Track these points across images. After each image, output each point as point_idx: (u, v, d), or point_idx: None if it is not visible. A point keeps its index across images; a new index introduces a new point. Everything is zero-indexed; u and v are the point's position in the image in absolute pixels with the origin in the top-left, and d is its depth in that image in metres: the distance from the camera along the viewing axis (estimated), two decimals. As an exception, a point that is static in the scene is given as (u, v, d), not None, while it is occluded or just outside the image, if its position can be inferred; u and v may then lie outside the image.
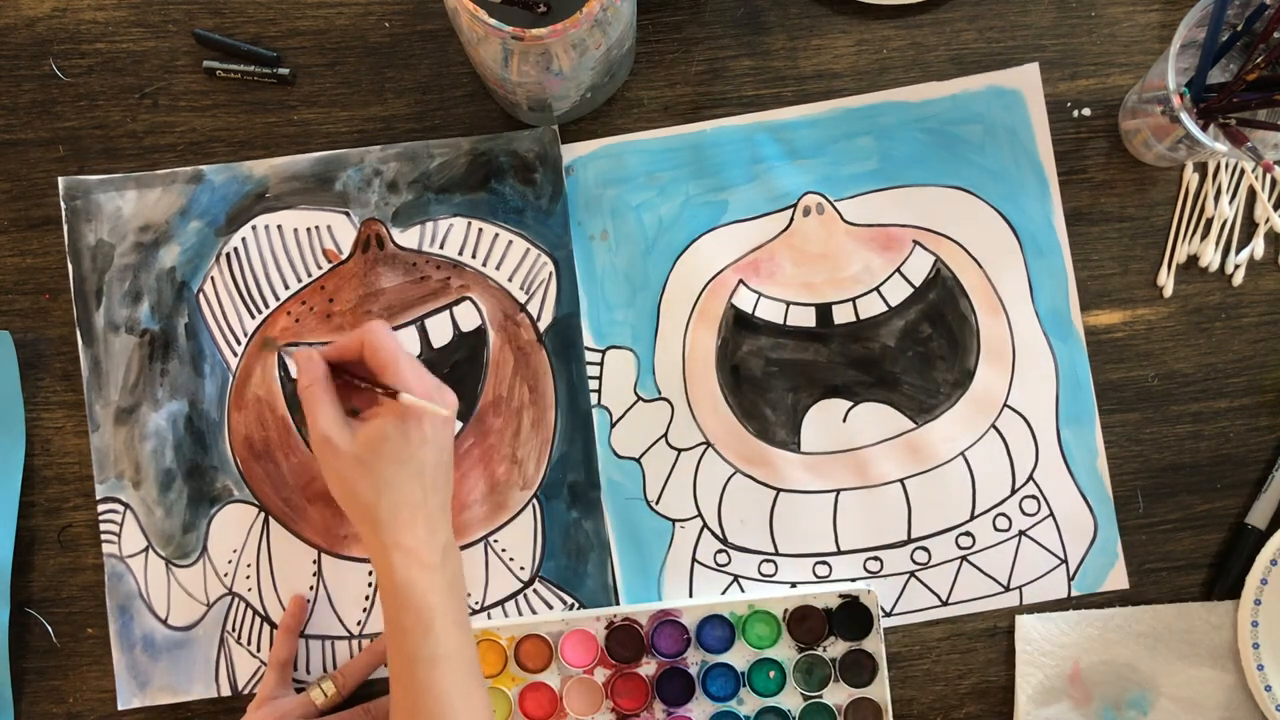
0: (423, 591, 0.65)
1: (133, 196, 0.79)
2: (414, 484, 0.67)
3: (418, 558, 0.66)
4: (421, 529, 0.67)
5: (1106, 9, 0.81)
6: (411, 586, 0.65)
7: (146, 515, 0.79)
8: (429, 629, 0.65)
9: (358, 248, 0.80)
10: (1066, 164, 0.81)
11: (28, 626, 0.79)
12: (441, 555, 0.67)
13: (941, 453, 0.80)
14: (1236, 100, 0.72)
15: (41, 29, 0.80)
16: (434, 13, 0.80)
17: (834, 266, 0.80)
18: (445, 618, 0.66)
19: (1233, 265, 0.80)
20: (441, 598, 0.66)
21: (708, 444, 0.80)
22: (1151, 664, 0.79)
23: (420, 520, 0.67)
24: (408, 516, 0.66)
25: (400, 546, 0.66)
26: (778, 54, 0.81)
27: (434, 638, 0.65)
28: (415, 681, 0.65)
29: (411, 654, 0.65)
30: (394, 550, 0.66)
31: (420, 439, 0.67)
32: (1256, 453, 0.80)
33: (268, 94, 0.80)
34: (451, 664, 0.65)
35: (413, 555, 0.66)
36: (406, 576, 0.66)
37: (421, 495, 0.67)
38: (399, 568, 0.66)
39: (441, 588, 0.66)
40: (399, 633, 0.66)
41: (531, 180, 0.80)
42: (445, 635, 0.65)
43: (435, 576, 0.66)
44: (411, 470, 0.67)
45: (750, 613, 0.78)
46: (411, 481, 0.67)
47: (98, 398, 0.79)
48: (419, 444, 0.67)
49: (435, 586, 0.66)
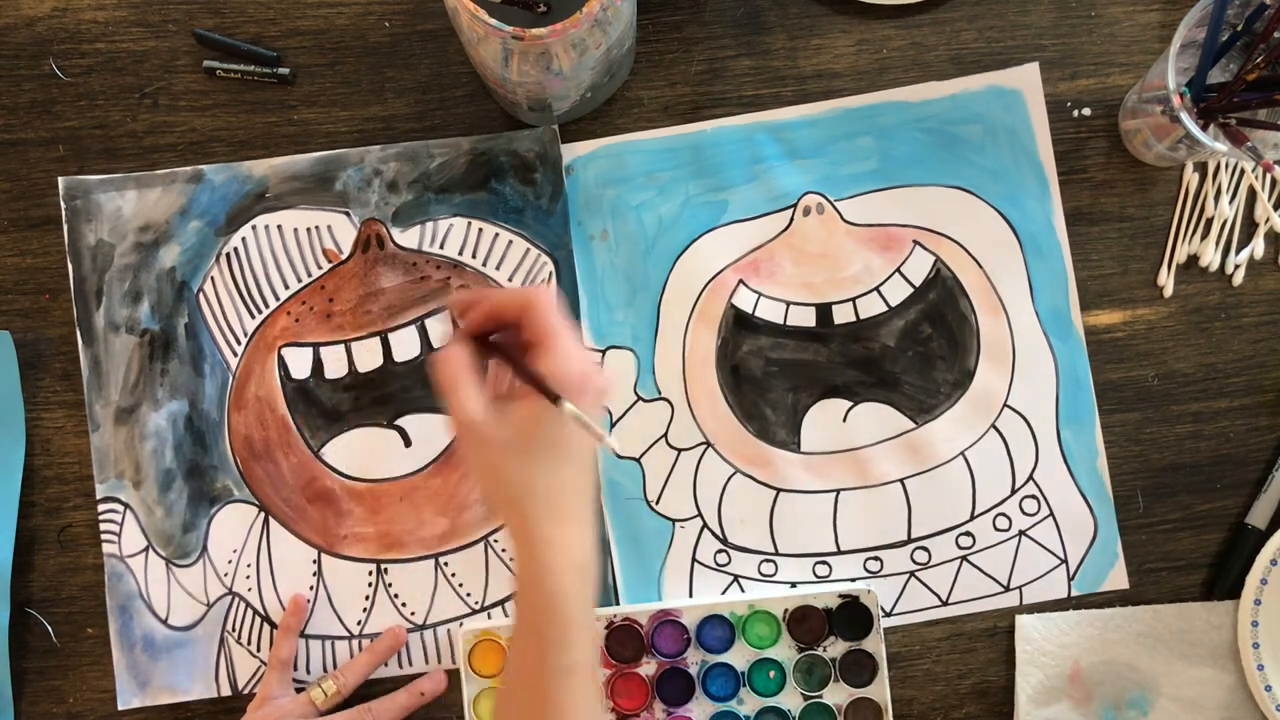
0: (572, 596, 0.59)
1: (133, 196, 0.79)
2: (572, 472, 0.60)
3: (570, 556, 0.59)
4: (580, 527, 0.60)
5: (1106, 9, 0.81)
6: (558, 588, 0.59)
7: (146, 515, 0.79)
8: (573, 638, 0.59)
9: (358, 248, 0.80)
10: (1066, 164, 0.81)
11: (28, 626, 0.79)
12: (593, 556, 0.60)
13: (941, 453, 0.80)
14: (1236, 100, 0.72)
15: (41, 29, 0.80)
16: (434, 13, 0.80)
17: (834, 266, 0.80)
18: (584, 628, 0.60)
19: (1233, 265, 0.80)
20: (586, 604, 0.60)
21: (708, 444, 0.80)
22: (1151, 664, 0.79)
23: (576, 513, 0.60)
24: (564, 509, 0.60)
25: (554, 543, 0.59)
26: (778, 54, 0.81)
27: (571, 646, 0.59)
28: (541, 690, 0.59)
29: (545, 661, 0.59)
30: (539, 543, 0.59)
31: None
32: (1256, 453, 0.80)
33: (268, 94, 0.80)
34: (581, 676, 0.60)
35: (566, 553, 0.59)
36: (556, 576, 0.59)
37: (583, 488, 0.60)
38: (549, 566, 0.59)
39: (589, 592, 0.60)
40: (534, 634, 0.60)
41: (532, 180, 0.80)
42: (581, 644, 0.60)
43: (586, 580, 0.60)
44: (568, 457, 0.59)
45: (750, 613, 0.78)
46: (569, 469, 0.60)
47: (98, 397, 0.79)
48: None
49: (584, 590, 0.60)
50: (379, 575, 0.79)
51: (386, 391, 0.79)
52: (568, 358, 0.58)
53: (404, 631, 0.79)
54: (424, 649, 0.79)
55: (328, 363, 0.79)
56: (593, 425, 0.57)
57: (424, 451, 0.79)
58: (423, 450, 0.79)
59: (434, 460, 0.79)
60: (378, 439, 0.79)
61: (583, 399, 0.58)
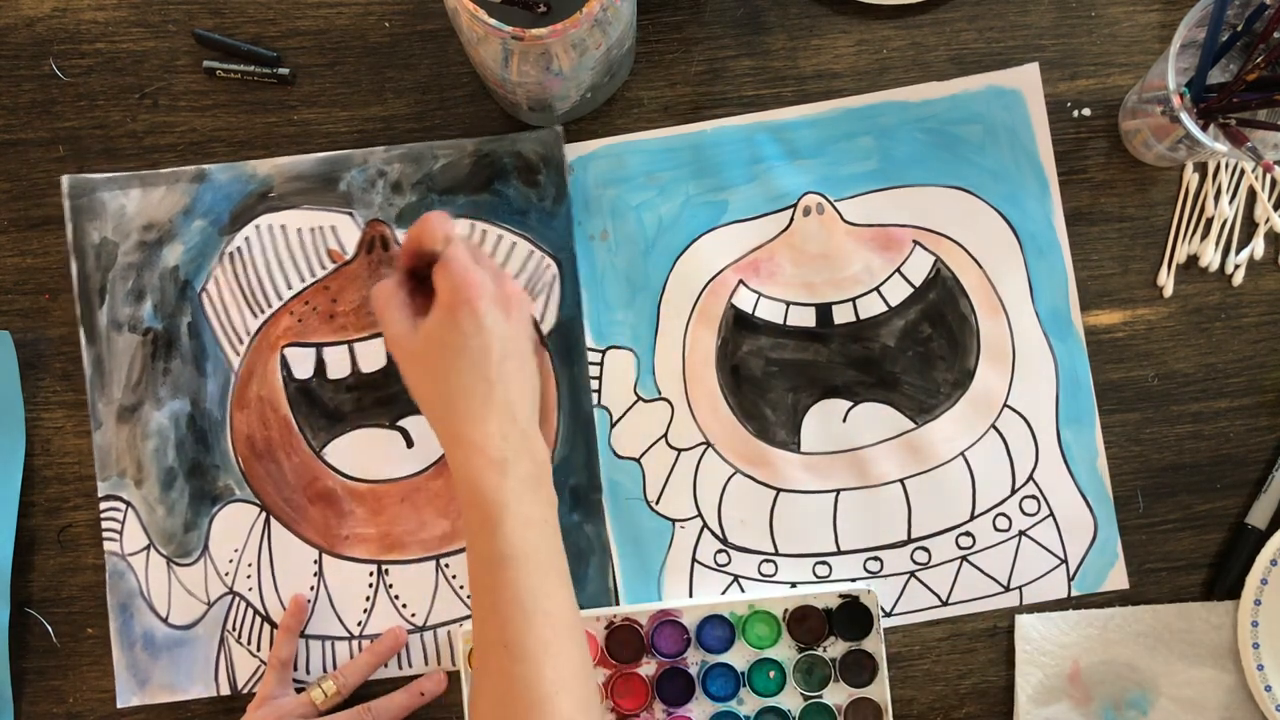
0: (489, 488, 0.62)
1: (136, 195, 0.79)
2: (474, 375, 0.63)
3: (483, 452, 0.62)
4: (490, 422, 0.63)
5: (1106, 9, 0.81)
6: (476, 483, 0.62)
7: (148, 513, 0.79)
8: (497, 526, 0.61)
9: (362, 249, 0.80)
10: (1066, 164, 0.81)
11: (28, 626, 0.79)
12: (512, 451, 0.63)
13: (941, 453, 0.80)
14: (1236, 100, 0.72)
15: (41, 29, 0.80)
16: (434, 13, 0.80)
17: (834, 266, 0.80)
18: (515, 516, 0.62)
19: (1233, 265, 0.80)
20: (511, 495, 0.62)
21: (708, 444, 0.80)
22: (1151, 664, 0.79)
23: (489, 413, 0.63)
24: (473, 409, 0.63)
25: (462, 441, 0.63)
26: (778, 54, 0.81)
27: (502, 536, 0.61)
28: (484, 581, 0.62)
29: (479, 552, 0.62)
30: (456, 445, 0.63)
31: (474, 327, 0.63)
32: (1256, 453, 0.80)
33: (268, 94, 0.80)
34: (521, 564, 0.61)
35: (476, 450, 0.62)
36: (471, 474, 0.62)
37: (485, 387, 0.63)
38: (462, 463, 0.63)
39: (511, 485, 0.62)
40: (468, 531, 0.63)
41: (535, 182, 0.80)
42: (514, 534, 0.61)
43: (503, 473, 0.62)
44: (469, 360, 0.63)
45: (750, 613, 0.78)
46: (471, 372, 0.63)
47: (100, 396, 0.79)
48: (472, 332, 0.63)
49: (504, 484, 0.62)
50: (380, 576, 0.79)
51: (389, 392, 0.79)
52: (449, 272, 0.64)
53: (404, 632, 0.79)
54: (424, 650, 0.79)
55: (330, 363, 0.79)
56: (455, 261, 0.63)
57: (426, 453, 0.79)
58: (424, 452, 0.79)
59: (436, 462, 0.79)
60: (380, 440, 0.79)
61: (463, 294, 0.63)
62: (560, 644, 0.62)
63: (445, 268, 0.64)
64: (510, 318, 0.65)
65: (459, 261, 0.64)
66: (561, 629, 0.62)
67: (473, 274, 0.64)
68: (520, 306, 0.66)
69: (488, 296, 0.64)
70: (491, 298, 0.64)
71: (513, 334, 0.65)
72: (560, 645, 0.62)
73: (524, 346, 0.66)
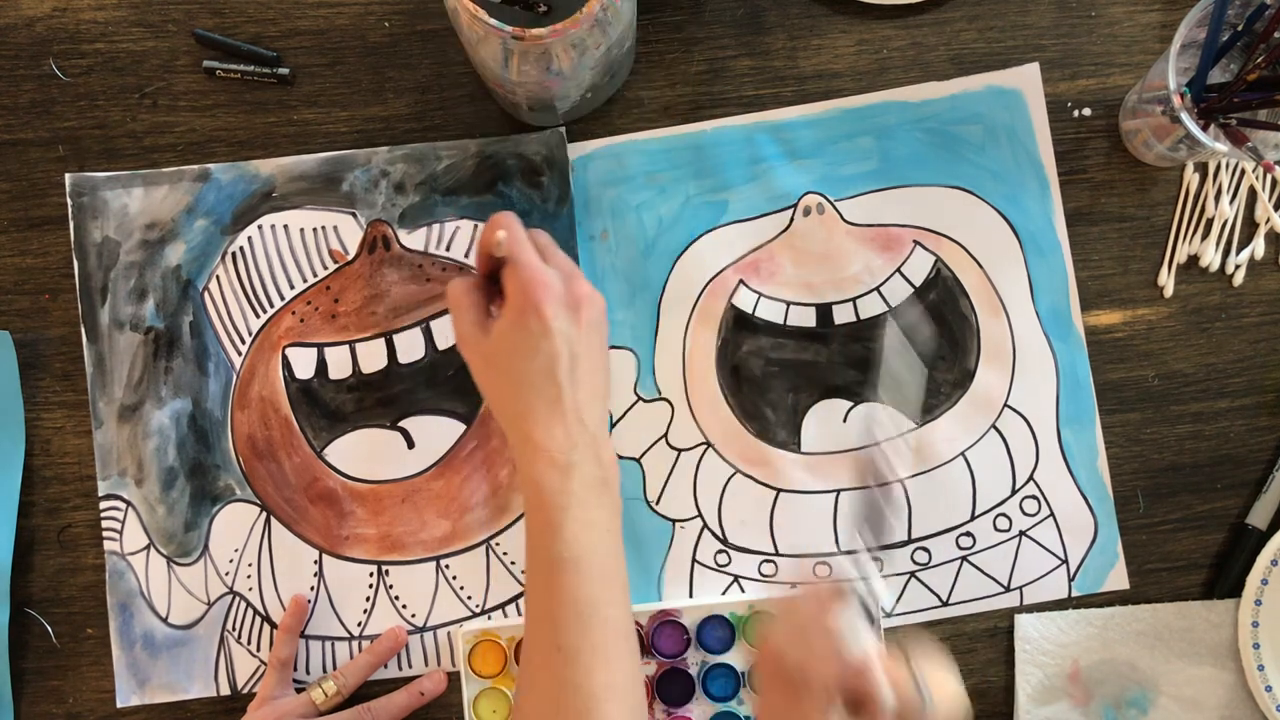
0: (552, 491, 0.63)
1: (139, 194, 0.79)
2: (543, 378, 0.64)
3: (548, 455, 0.63)
4: (556, 425, 0.64)
5: (1106, 9, 0.81)
6: (540, 484, 0.63)
7: (148, 513, 0.79)
8: (558, 529, 0.62)
9: (364, 249, 0.80)
10: (1066, 164, 0.81)
11: (28, 626, 0.79)
12: (579, 455, 0.64)
13: (942, 453, 0.80)
14: (1237, 100, 0.72)
15: (41, 29, 0.80)
16: (434, 13, 0.80)
17: (834, 266, 0.80)
18: (576, 520, 0.62)
19: (1233, 265, 0.80)
20: (574, 499, 0.63)
21: (708, 444, 0.80)
22: (1151, 663, 0.79)
23: (554, 416, 0.64)
24: (540, 412, 0.64)
25: (530, 442, 0.64)
26: (778, 54, 0.81)
27: (561, 540, 0.62)
28: (541, 582, 0.62)
29: (539, 554, 0.63)
30: (524, 445, 0.64)
31: (541, 329, 0.64)
32: (1256, 453, 0.80)
33: (268, 94, 0.80)
34: (579, 568, 0.62)
35: (542, 452, 0.63)
36: (535, 475, 0.63)
37: (554, 390, 0.64)
38: (528, 464, 0.63)
39: (574, 489, 0.63)
40: (530, 532, 0.64)
41: (538, 183, 0.80)
42: (574, 539, 0.62)
43: (567, 476, 0.63)
44: (539, 364, 0.64)
45: (750, 613, 0.78)
46: (540, 376, 0.64)
47: (101, 394, 0.79)
48: (540, 335, 0.64)
49: (566, 487, 0.63)
50: (380, 576, 0.79)
51: (390, 393, 0.79)
52: (517, 275, 0.65)
53: (404, 632, 0.79)
54: (424, 651, 0.79)
55: (332, 363, 0.79)
56: (522, 262, 0.64)
57: (427, 454, 0.79)
58: (425, 452, 0.79)
59: (437, 463, 0.79)
60: (381, 440, 0.79)
61: (531, 297, 0.64)
62: (614, 650, 0.62)
63: (514, 270, 0.65)
64: (580, 319, 0.65)
65: (527, 263, 0.64)
66: (616, 636, 0.63)
67: (540, 275, 0.64)
68: (590, 306, 0.66)
69: (556, 299, 0.64)
70: (560, 300, 0.64)
71: (582, 336, 0.65)
72: (614, 652, 0.62)
73: (595, 348, 0.66)
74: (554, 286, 0.65)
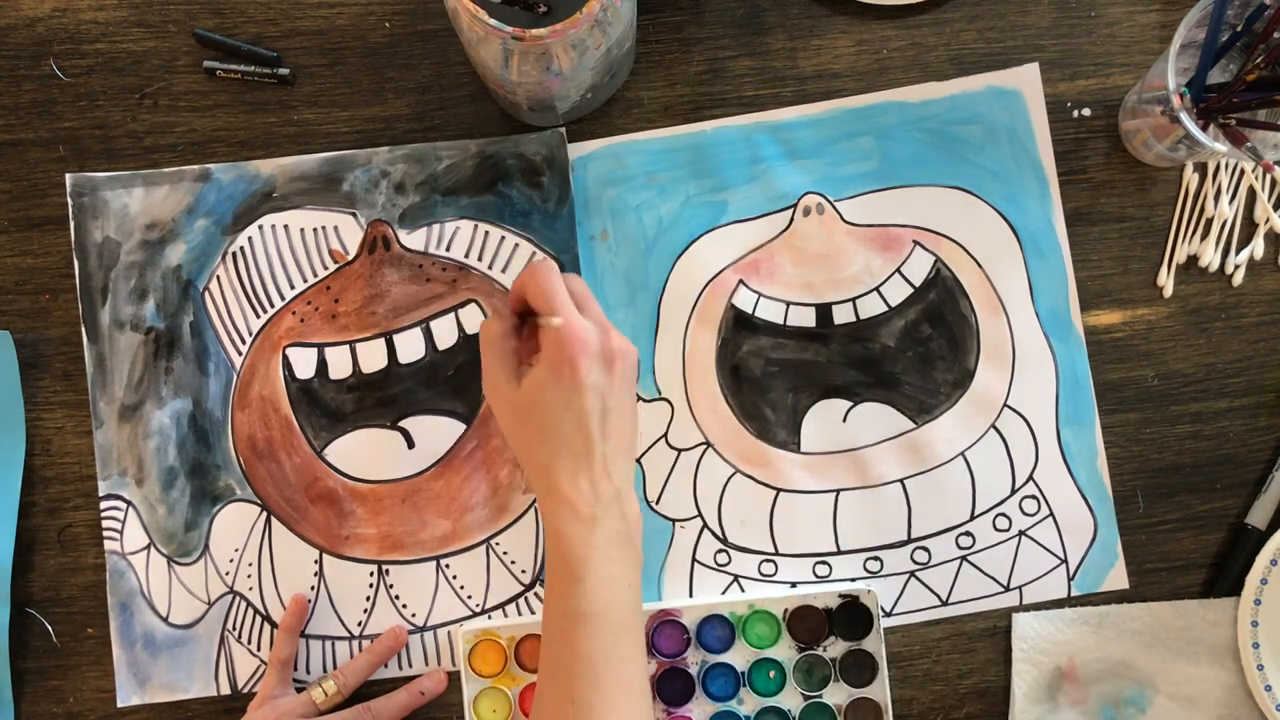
0: (575, 544, 0.63)
1: (140, 194, 0.80)
2: (573, 431, 0.64)
3: (573, 508, 0.64)
4: (583, 479, 0.64)
5: (1106, 9, 0.81)
6: (564, 537, 0.63)
7: (149, 513, 0.79)
8: (578, 582, 0.62)
9: (364, 249, 0.80)
10: (1066, 164, 0.81)
11: (28, 626, 0.79)
12: (603, 509, 0.64)
13: (941, 453, 0.80)
14: (1236, 100, 0.72)
15: (41, 29, 0.80)
16: (434, 13, 0.80)
17: (834, 266, 0.80)
18: (597, 574, 0.63)
19: (1233, 265, 0.81)
20: (596, 553, 0.63)
21: (708, 444, 0.80)
22: (1148, 661, 0.79)
23: (581, 469, 0.64)
24: (567, 465, 0.64)
25: (555, 494, 0.64)
26: (778, 54, 0.81)
27: (580, 593, 0.62)
28: (559, 634, 0.63)
29: (559, 606, 0.63)
30: (549, 497, 0.64)
31: (574, 384, 0.64)
32: (1256, 453, 0.80)
33: (268, 94, 0.80)
34: (598, 622, 0.62)
35: (568, 505, 0.64)
36: (559, 528, 0.63)
37: (584, 445, 0.64)
38: (552, 515, 0.64)
39: (598, 542, 0.63)
40: (550, 583, 0.64)
41: (539, 183, 0.80)
42: (594, 593, 0.62)
43: (591, 530, 0.63)
44: (570, 417, 0.64)
45: (750, 613, 0.79)
46: (570, 429, 0.64)
47: (101, 394, 0.79)
48: (573, 388, 0.64)
49: (590, 541, 0.63)
50: (380, 576, 0.79)
51: (390, 393, 0.79)
52: (580, 309, 0.66)
53: (405, 632, 0.79)
54: (424, 651, 0.79)
55: (332, 363, 0.79)
56: (550, 321, 0.65)
57: (427, 453, 0.79)
58: (426, 452, 0.79)
59: (437, 462, 0.79)
60: (381, 440, 0.79)
61: (566, 351, 0.64)
62: (626, 706, 0.62)
63: (553, 311, 0.65)
64: (613, 373, 0.66)
65: (566, 317, 0.65)
66: (629, 691, 0.63)
67: (578, 330, 0.64)
68: (624, 360, 0.67)
69: (591, 354, 0.64)
70: (596, 355, 0.65)
71: (615, 389, 0.66)
72: (626, 707, 0.62)
73: (625, 401, 0.67)
74: (591, 342, 0.65)
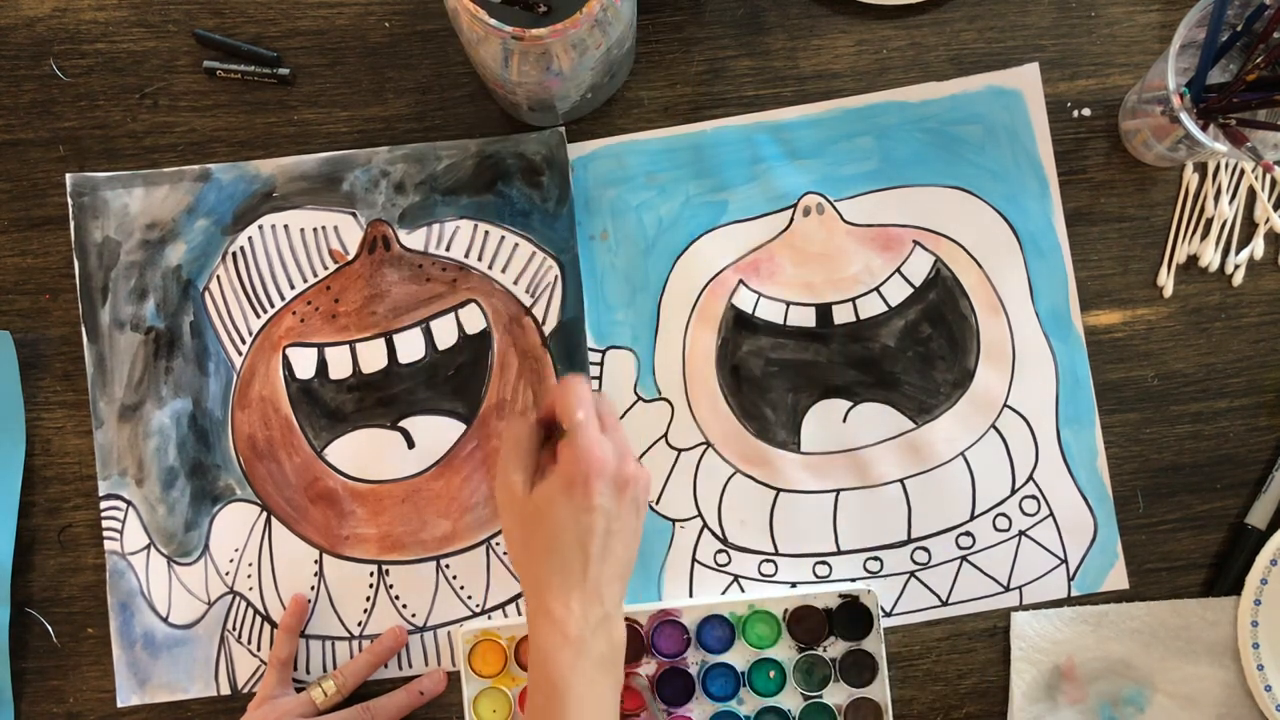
0: (561, 667, 0.63)
1: (140, 194, 0.80)
2: (573, 550, 0.65)
3: (563, 630, 0.64)
4: (574, 599, 0.65)
5: (1106, 9, 0.81)
6: (550, 659, 0.64)
7: (149, 513, 0.79)
8: (560, 706, 0.63)
9: (364, 249, 0.80)
10: (1066, 164, 0.81)
11: (28, 626, 0.79)
12: (591, 632, 0.65)
13: (941, 453, 0.80)
14: (1236, 100, 0.72)
15: (41, 29, 0.80)
16: (434, 13, 0.80)
17: (834, 266, 0.80)
18: (580, 698, 0.63)
19: (1233, 265, 0.81)
20: (581, 677, 0.64)
21: (708, 444, 0.80)
22: (1147, 661, 0.79)
23: (574, 588, 0.65)
24: (560, 585, 0.65)
25: (548, 615, 0.64)
26: (778, 54, 0.81)
27: (563, 714, 0.63)
28: None
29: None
30: (540, 617, 0.65)
31: (584, 503, 0.65)
32: (1256, 453, 0.81)
33: (268, 94, 0.80)
34: None
35: (556, 625, 0.64)
36: (546, 648, 0.64)
37: (581, 565, 0.65)
38: (540, 634, 0.64)
39: (584, 667, 0.64)
40: (531, 697, 0.65)
41: (538, 183, 0.80)
42: (577, 715, 0.63)
43: (578, 653, 0.64)
44: (572, 535, 0.65)
45: (750, 613, 0.79)
46: (571, 547, 0.65)
47: (101, 394, 0.79)
48: (582, 508, 0.65)
49: (576, 664, 0.64)
50: (380, 576, 0.79)
51: (390, 393, 0.79)
52: (574, 444, 0.65)
53: (404, 632, 0.79)
54: (424, 651, 0.79)
55: (332, 363, 0.79)
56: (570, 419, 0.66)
57: (427, 454, 0.79)
58: (426, 452, 0.79)
59: (437, 463, 0.79)
60: (381, 440, 0.79)
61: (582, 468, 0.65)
62: None
63: (572, 438, 0.66)
64: (623, 498, 0.66)
65: (587, 435, 0.66)
66: None
67: (596, 450, 0.65)
68: (636, 486, 0.67)
69: (606, 476, 0.65)
70: (610, 478, 0.66)
71: (623, 514, 0.66)
72: None
73: (629, 527, 0.67)
74: (608, 463, 0.66)
